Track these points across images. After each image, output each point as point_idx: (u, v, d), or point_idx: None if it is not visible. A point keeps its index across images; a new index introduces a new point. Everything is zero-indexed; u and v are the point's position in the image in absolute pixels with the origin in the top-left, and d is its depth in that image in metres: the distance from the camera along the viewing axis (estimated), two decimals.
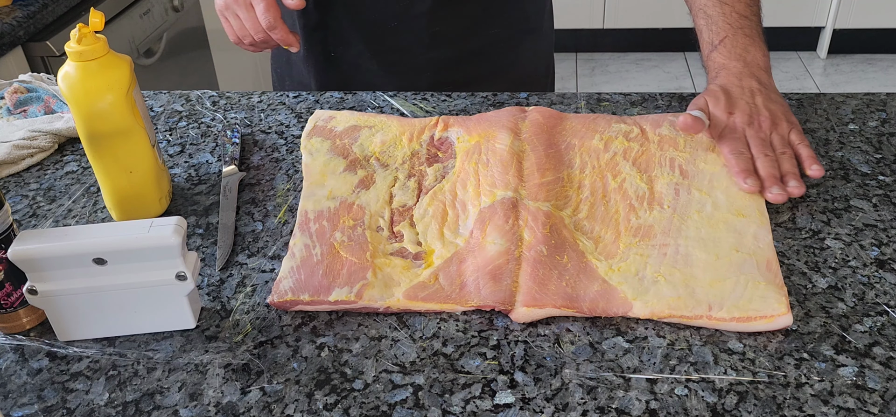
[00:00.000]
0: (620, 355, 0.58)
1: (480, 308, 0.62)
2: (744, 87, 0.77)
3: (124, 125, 0.69)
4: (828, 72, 3.08)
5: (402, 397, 0.55)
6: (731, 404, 0.53)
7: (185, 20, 1.98)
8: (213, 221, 0.74)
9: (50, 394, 0.57)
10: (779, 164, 0.72)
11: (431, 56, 1.00)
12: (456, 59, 1.01)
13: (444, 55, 1.01)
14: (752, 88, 0.77)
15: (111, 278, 0.58)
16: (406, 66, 1.01)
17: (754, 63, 0.79)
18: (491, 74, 1.03)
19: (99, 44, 0.67)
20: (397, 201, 0.73)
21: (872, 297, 0.62)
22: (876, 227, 0.69)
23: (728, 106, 0.76)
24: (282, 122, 0.91)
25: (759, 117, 0.75)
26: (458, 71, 1.02)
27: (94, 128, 0.68)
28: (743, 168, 0.71)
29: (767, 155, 0.72)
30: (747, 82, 0.77)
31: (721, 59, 0.80)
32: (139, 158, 0.72)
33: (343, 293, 0.62)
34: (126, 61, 0.69)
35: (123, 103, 0.68)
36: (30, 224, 0.76)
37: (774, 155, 0.72)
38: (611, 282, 0.62)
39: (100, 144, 0.70)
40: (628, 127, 0.81)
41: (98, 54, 0.67)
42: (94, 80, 0.67)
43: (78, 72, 0.66)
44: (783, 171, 0.71)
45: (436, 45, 0.99)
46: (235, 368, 0.58)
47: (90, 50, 0.66)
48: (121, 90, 0.68)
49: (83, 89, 0.67)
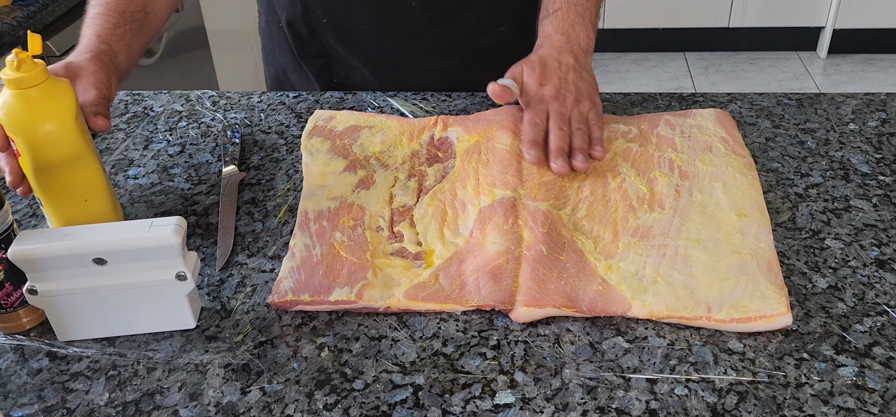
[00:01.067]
0: (620, 355, 0.58)
1: (480, 307, 0.62)
2: (560, 62, 0.80)
3: (77, 151, 0.65)
4: (828, 72, 3.08)
5: (402, 397, 0.55)
6: (731, 404, 0.53)
7: (185, 20, 1.98)
8: (213, 221, 0.74)
9: (50, 394, 0.57)
10: (571, 139, 0.75)
11: (437, 66, 1.00)
12: (462, 63, 1.00)
13: (450, 63, 1.00)
14: (568, 64, 0.80)
15: (111, 278, 0.58)
16: (412, 81, 1.00)
17: (576, 41, 0.81)
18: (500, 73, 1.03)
19: (39, 68, 0.62)
20: (397, 201, 0.73)
21: (872, 297, 0.62)
22: (876, 227, 0.69)
23: (541, 77, 0.78)
24: (282, 122, 0.91)
25: (566, 92, 0.78)
26: (466, 73, 1.01)
27: (44, 159, 0.64)
28: (532, 139, 0.74)
29: (562, 128, 0.75)
30: (565, 57, 0.80)
31: (549, 29, 0.83)
32: (95, 185, 0.68)
33: (343, 293, 0.62)
34: (68, 84, 0.65)
35: (74, 128, 0.65)
36: (30, 224, 0.76)
37: (569, 129, 0.75)
38: (610, 282, 0.62)
39: (51, 175, 0.66)
40: (627, 127, 0.81)
41: (40, 79, 0.62)
42: (40, 107, 0.62)
43: (21, 101, 0.62)
44: (573, 146, 0.74)
45: (439, 55, 0.99)
46: (235, 368, 0.58)
47: (31, 76, 0.61)
48: (69, 115, 0.64)
49: (30, 117, 0.62)
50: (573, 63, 0.80)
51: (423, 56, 0.99)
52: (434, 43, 0.98)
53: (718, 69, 3.13)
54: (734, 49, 3.24)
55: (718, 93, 0.92)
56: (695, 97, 0.92)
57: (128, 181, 0.81)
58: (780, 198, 0.73)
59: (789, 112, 0.88)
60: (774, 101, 0.90)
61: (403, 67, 0.99)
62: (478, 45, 1.00)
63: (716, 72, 3.11)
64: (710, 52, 3.24)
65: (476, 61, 1.01)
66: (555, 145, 0.74)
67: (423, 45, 0.98)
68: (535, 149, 0.73)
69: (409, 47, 0.98)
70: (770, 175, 0.77)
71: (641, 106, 0.90)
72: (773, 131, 0.84)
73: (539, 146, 0.74)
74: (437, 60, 0.99)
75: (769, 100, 0.90)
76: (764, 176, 0.77)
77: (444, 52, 0.99)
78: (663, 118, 0.82)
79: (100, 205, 0.69)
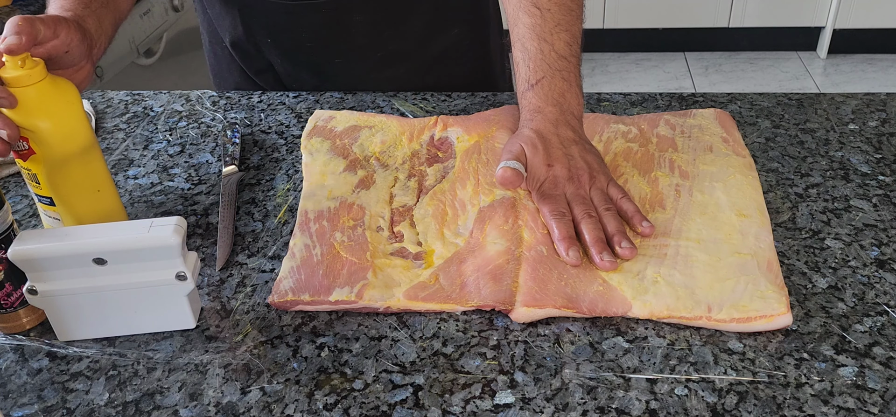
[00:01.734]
0: (620, 355, 0.58)
1: (480, 308, 0.62)
2: (560, 136, 0.72)
3: (86, 144, 0.66)
4: (828, 72, 3.08)
5: (402, 397, 0.55)
6: (731, 404, 0.53)
7: (185, 20, 1.98)
8: (213, 221, 0.74)
9: (50, 394, 0.57)
10: (603, 225, 0.66)
11: (388, 75, 0.98)
12: (415, 69, 0.99)
13: (401, 71, 0.99)
14: (569, 138, 0.72)
15: (111, 278, 0.58)
16: (363, 89, 0.98)
17: (569, 110, 0.74)
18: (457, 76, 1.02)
19: (39, 66, 0.63)
20: (397, 201, 0.73)
21: (872, 297, 0.62)
22: (876, 227, 0.69)
23: (546, 157, 0.70)
24: (282, 122, 0.91)
25: (580, 172, 0.70)
26: (420, 78, 1.00)
27: (55, 154, 0.65)
28: (565, 234, 0.65)
29: (591, 215, 0.66)
30: (563, 131, 0.72)
31: (537, 101, 0.74)
32: (103, 176, 0.69)
33: (343, 293, 0.62)
34: (67, 81, 0.66)
35: (81, 121, 0.65)
36: (30, 224, 0.76)
37: (598, 215, 0.67)
38: (610, 282, 0.62)
39: (62, 170, 0.66)
40: (627, 127, 0.81)
41: (40, 77, 0.63)
42: (46, 103, 0.63)
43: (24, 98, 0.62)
44: (609, 233, 0.66)
45: (389, 64, 0.98)
46: (235, 368, 0.58)
47: (33, 73, 0.62)
48: (76, 108, 0.65)
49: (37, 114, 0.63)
50: (573, 136, 0.72)
51: (372, 66, 0.98)
52: (382, 53, 0.97)
53: (718, 69, 3.13)
54: (734, 49, 3.24)
55: (718, 93, 0.92)
56: (695, 97, 0.92)
57: (128, 181, 0.81)
58: (780, 198, 0.73)
59: (789, 112, 0.88)
60: (774, 101, 0.90)
61: (355, 76, 0.98)
62: (429, 51, 0.99)
63: (716, 72, 3.12)
64: (710, 52, 3.24)
65: (430, 67, 1.00)
66: (592, 237, 0.65)
67: (371, 57, 0.97)
68: (575, 247, 0.65)
69: (358, 59, 0.97)
70: (770, 175, 0.77)
71: (641, 106, 0.90)
72: (773, 131, 0.84)
73: (577, 243, 0.65)
74: (387, 69, 0.98)
75: (769, 100, 0.90)
76: (764, 176, 0.77)
77: (395, 60, 0.98)
78: (663, 118, 0.82)
79: (110, 196, 0.70)
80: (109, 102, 0.97)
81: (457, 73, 1.02)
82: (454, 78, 1.01)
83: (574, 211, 0.68)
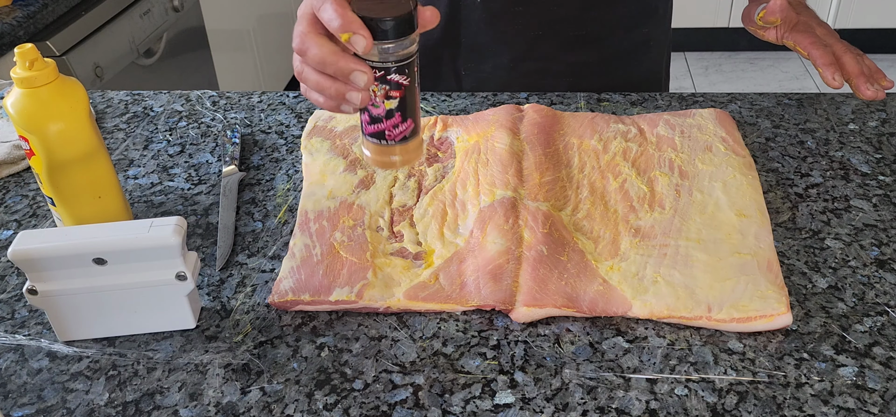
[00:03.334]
0: (620, 355, 0.58)
1: (480, 307, 0.62)
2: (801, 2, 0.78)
3: (90, 148, 0.66)
4: None
5: (402, 397, 0.55)
6: (731, 404, 0.53)
7: (185, 20, 1.98)
8: (213, 221, 0.74)
9: (50, 394, 0.57)
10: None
11: (571, 60, 0.96)
12: (597, 61, 0.97)
13: (585, 58, 0.96)
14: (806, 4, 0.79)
15: (111, 278, 0.58)
16: (543, 73, 0.96)
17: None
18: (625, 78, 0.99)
19: (50, 67, 0.63)
20: (397, 201, 0.73)
21: (872, 297, 0.62)
22: (876, 227, 0.69)
23: (796, 7, 0.76)
24: (282, 122, 0.91)
25: (824, 24, 0.75)
26: (597, 76, 0.97)
27: (57, 157, 0.65)
28: (829, 61, 0.69)
29: (852, 51, 0.71)
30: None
31: None
32: (107, 182, 0.69)
33: (343, 293, 0.62)
34: (78, 83, 0.66)
35: (86, 125, 0.65)
36: (30, 224, 0.76)
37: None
38: (611, 282, 0.62)
39: (64, 173, 0.66)
40: (626, 127, 0.81)
41: (50, 78, 0.63)
42: (52, 106, 0.63)
43: (33, 100, 0.62)
44: (870, 69, 0.70)
45: (580, 46, 0.95)
46: (235, 368, 0.58)
47: (43, 75, 0.62)
48: (82, 112, 0.65)
49: (42, 116, 0.63)
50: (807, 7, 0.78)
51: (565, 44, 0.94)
52: (581, 33, 0.94)
53: (718, 69, 3.13)
54: (734, 49, 3.24)
55: (718, 93, 0.92)
56: (695, 97, 0.92)
57: (128, 181, 0.81)
58: (780, 198, 0.73)
59: (789, 112, 0.88)
60: (774, 101, 0.90)
61: (545, 54, 0.95)
62: (621, 43, 0.97)
63: (716, 72, 3.12)
64: (710, 52, 3.24)
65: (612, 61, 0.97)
66: (855, 69, 0.69)
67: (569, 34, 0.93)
68: (840, 72, 0.69)
69: (554, 36, 0.94)
70: (770, 175, 0.77)
71: (642, 106, 0.90)
72: (773, 131, 0.84)
73: (839, 70, 0.70)
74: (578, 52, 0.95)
75: (769, 100, 0.90)
76: (764, 176, 0.77)
77: (588, 44, 0.95)
78: (663, 118, 0.82)
79: (112, 201, 0.70)
80: (109, 102, 0.97)
81: (635, 72, 1.01)
82: (632, 77, 1.00)
83: (835, 47, 0.72)
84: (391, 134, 0.57)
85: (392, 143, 0.58)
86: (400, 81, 0.55)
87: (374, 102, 0.56)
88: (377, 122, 0.57)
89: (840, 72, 0.68)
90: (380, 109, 0.56)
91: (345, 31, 0.52)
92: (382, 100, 0.55)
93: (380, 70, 0.54)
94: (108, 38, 1.66)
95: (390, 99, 0.55)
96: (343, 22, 0.52)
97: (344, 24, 0.52)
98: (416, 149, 0.60)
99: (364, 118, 0.58)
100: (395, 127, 0.57)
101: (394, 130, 0.57)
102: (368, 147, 0.59)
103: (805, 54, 0.74)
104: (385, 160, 0.59)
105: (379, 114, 0.56)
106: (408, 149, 0.59)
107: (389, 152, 0.58)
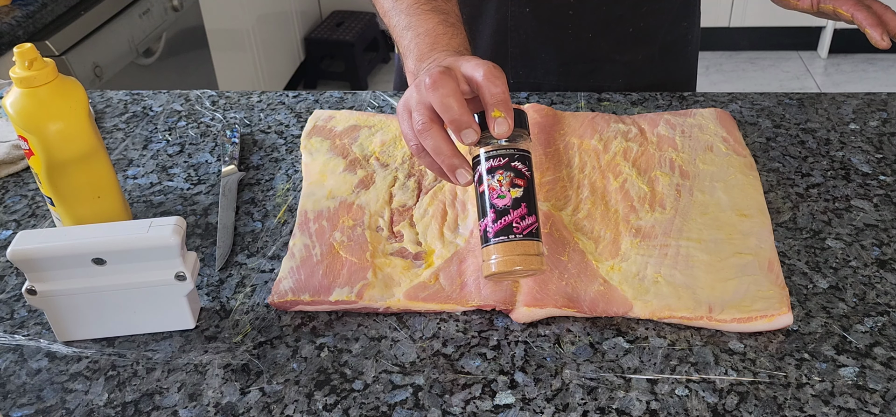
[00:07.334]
0: (621, 355, 0.58)
1: (481, 308, 0.61)
2: None
3: (89, 149, 0.66)
4: (828, 71, 3.08)
5: (402, 397, 0.55)
6: (732, 404, 0.53)
7: (184, 20, 1.98)
8: (213, 221, 0.74)
9: (49, 394, 0.57)
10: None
11: (627, 59, 0.96)
12: (646, 59, 0.97)
13: (638, 55, 0.96)
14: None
15: (111, 278, 0.58)
16: (596, 74, 0.96)
17: None
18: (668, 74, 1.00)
19: (49, 67, 0.63)
20: (397, 201, 0.73)
21: (873, 297, 0.62)
22: (877, 227, 0.69)
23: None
24: (281, 122, 0.91)
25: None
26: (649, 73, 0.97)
27: (56, 157, 0.65)
28: (875, 21, 0.71)
29: (891, 9, 0.72)
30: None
31: None
32: (106, 182, 0.69)
33: (343, 293, 0.62)
34: (77, 83, 0.66)
35: (85, 126, 0.65)
36: (30, 224, 0.76)
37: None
38: (611, 282, 0.62)
39: (63, 173, 0.66)
40: (627, 127, 0.81)
41: (50, 78, 0.62)
42: (51, 106, 0.63)
43: (32, 99, 0.62)
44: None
45: (631, 44, 0.95)
46: (235, 368, 0.58)
47: (42, 74, 0.62)
48: (81, 112, 0.65)
49: (41, 116, 0.63)
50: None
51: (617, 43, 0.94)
52: (633, 28, 0.94)
53: (719, 69, 3.13)
54: (735, 48, 3.24)
55: (719, 93, 0.91)
56: (695, 97, 0.92)
57: (127, 181, 0.81)
58: (780, 198, 0.73)
59: (790, 112, 0.88)
60: (775, 101, 0.90)
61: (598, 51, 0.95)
62: (666, 38, 0.97)
63: (716, 71, 3.11)
64: (711, 52, 3.24)
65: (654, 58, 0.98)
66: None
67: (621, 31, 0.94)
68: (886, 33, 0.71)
69: (608, 32, 0.94)
70: (771, 175, 0.77)
71: (642, 106, 0.90)
72: (773, 131, 0.84)
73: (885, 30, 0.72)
74: (628, 51, 0.95)
75: (770, 100, 0.90)
76: (765, 175, 0.76)
77: (639, 41, 0.95)
78: (664, 118, 0.82)
79: (111, 202, 0.70)
80: (108, 102, 0.97)
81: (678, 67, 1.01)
82: (676, 72, 1.01)
83: (873, 5, 0.72)
84: (519, 226, 0.55)
85: (519, 237, 0.55)
86: (523, 170, 0.56)
87: (499, 192, 0.56)
88: (504, 215, 0.56)
89: (887, 32, 0.70)
90: (506, 199, 0.56)
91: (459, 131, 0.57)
92: (508, 189, 0.56)
93: (504, 157, 0.56)
94: (108, 37, 1.65)
95: (516, 187, 0.56)
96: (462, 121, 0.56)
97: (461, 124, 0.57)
98: (541, 254, 0.57)
99: (486, 222, 0.57)
100: (522, 218, 0.56)
101: (521, 222, 0.56)
102: (496, 251, 0.56)
103: (848, 16, 0.74)
104: (512, 259, 0.55)
105: (506, 204, 0.56)
106: (534, 247, 0.56)
107: (516, 249, 0.55)
